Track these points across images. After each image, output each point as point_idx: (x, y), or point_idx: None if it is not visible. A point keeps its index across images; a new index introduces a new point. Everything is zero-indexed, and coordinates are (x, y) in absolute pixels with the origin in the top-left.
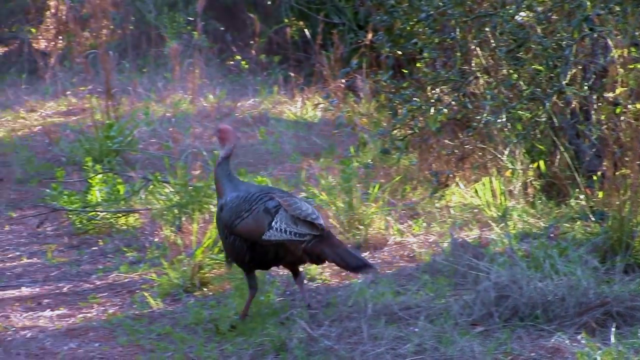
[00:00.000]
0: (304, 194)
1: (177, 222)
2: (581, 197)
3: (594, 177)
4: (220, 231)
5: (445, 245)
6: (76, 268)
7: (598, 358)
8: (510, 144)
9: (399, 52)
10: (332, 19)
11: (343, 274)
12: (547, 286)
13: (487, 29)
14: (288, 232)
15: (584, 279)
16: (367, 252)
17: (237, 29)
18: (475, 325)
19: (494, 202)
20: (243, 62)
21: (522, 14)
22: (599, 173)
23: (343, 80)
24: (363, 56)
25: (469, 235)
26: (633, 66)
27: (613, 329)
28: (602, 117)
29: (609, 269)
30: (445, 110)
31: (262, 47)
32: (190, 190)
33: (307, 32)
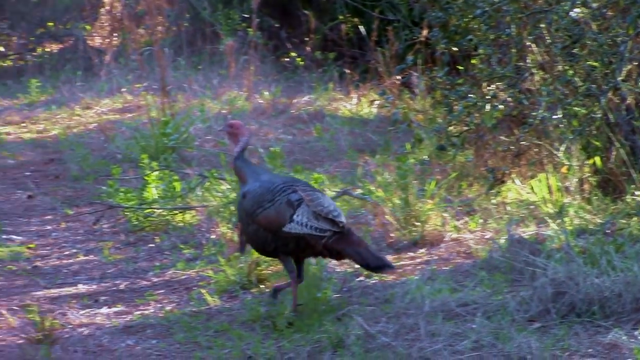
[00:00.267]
0: (360, 191)
1: (234, 219)
2: (637, 193)
3: None
4: (240, 218)
5: (502, 241)
6: (133, 265)
7: None
8: (566, 140)
9: (454, 49)
10: (387, 15)
11: (400, 270)
12: (603, 282)
13: (542, 25)
14: (309, 227)
15: None
16: (424, 249)
17: (292, 26)
18: (532, 321)
19: (550, 199)
20: (298, 59)
21: (576, 10)
22: None
23: (398, 77)
24: (418, 53)
25: (526, 231)
26: None
27: None
28: None
29: None
30: (501, 106)
31: (317, 44)
32: None
33: (362, 28)
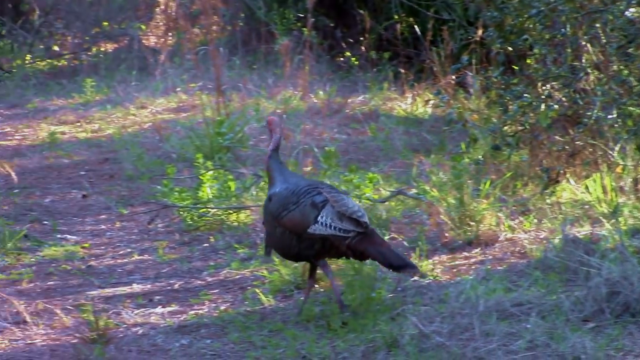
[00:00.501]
0: (414, 191)
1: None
2: None
3: None
4: (266, 221)
5: (557, 241)
6: (187, 265)
7: None
8: (620, 140)
9: (510, 49)
10: (442, 15)
11: (454, 270)
12: None
13: (597, 25)
14: (333, 227)
15: None
16: (478, 249)
17: (346, 26)
18: (586, 321)
19: (605, 198)
20: (353, 59)
21: (632, 9)
22: None
23: (453, 77)
24: (473, 52)
25: (580, 231)
26: None
27: None
28: None
29: None
30: (556, 106)
31: (372, 44)
32: None
33: (417, 28)
